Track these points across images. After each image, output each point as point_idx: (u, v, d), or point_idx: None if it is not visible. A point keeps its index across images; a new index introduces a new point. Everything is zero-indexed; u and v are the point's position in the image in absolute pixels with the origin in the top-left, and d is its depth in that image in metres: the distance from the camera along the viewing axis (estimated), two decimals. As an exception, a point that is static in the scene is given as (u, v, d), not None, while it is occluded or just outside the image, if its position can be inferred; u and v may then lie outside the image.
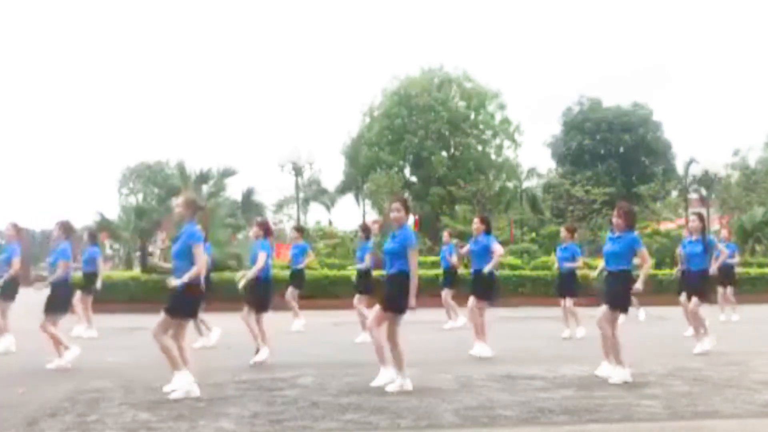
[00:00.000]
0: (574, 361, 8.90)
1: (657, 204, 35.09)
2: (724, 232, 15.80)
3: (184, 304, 6.86)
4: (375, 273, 11.81)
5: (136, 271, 24.18)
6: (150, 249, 24.32)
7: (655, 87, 78.66)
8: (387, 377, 7.06)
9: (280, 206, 41.89)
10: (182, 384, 6.70)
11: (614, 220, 7.76)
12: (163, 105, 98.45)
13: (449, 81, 44.64)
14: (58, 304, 8.84)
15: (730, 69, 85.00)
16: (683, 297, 10.37)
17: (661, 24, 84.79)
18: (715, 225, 30.03)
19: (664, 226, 30.43)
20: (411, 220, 36.55)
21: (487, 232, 9.71)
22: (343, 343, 11.30)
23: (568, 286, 12.27)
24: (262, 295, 9.17)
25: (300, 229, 15.66)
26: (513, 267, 22.07)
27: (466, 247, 10.18)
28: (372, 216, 40.95)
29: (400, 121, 42.48)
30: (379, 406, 6.28)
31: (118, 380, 7.76)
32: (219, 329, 11.01)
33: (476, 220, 9.93)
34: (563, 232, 12.68)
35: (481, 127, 45.06)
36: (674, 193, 37.54)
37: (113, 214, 29.85)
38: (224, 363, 8.65)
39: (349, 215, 67.88)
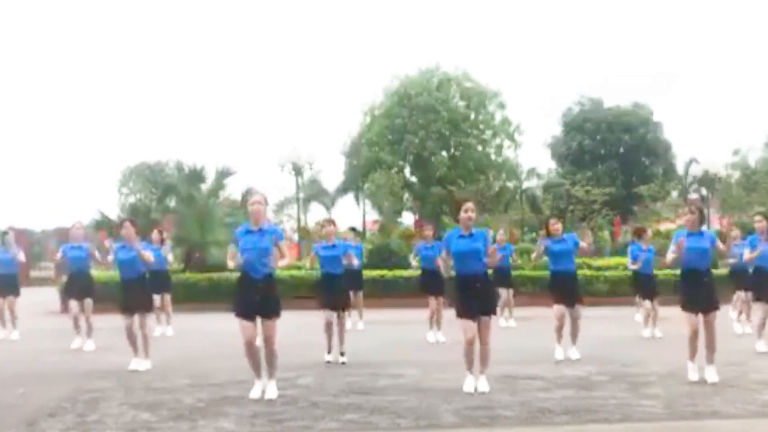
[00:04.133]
0: (574, 361, 8.90)
1: (657, 204, 35.06)
2: (736, 232, 15.49)
3: None
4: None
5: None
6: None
7: (656, 89, 78.52)
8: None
9: (280, 206, 41.80)
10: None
11: (691, 217, 7.53)
12: (163, 105, 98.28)
13: (449, 81, 44.60)
14: None
15: (730, 69, 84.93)
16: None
17: (662, 26, 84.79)
18: (715, 225, 30.04)
19: (664, 227, 30.42)
20: (411, 220, 36.63)
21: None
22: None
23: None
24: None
25: (354, 229, 15.93)
26: (513, 267, 22.00)
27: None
28: (372, 216, 40.94)
29: (400, 121, 42.43)
30: (379, 406, 6.29)
31: (118, 380, 7.76)
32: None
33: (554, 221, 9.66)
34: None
35: (481, 127, 44.97)
36: (674, 194, 37.50)
37: (114, 214, 29.80)
38: (225, 363, 8.65)
39: (349, 215, 67.87)
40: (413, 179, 44.62)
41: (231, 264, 6.95)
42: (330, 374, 8.01)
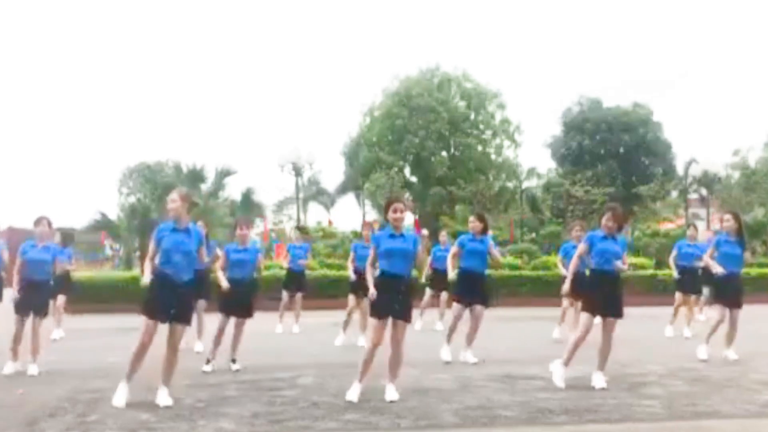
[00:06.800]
0: (573, 361, 8.88)
1: (657, 204, 35.06)
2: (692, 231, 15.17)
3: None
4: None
5: (136, 271, 24.16)
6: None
7: (656, 89, 78.52)
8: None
9: (280, 206, 41.83)
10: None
11: (610, 223, 7.27)
12: (163, 105, 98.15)
13: (449, 81, 44.64)
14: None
15: (731, 69, 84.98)
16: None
17: (662, 26, 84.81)
18: (715, 225, 30.02)
19: (664, 226, 30.44)
20: (411, 220, 36.68)
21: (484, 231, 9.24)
22: (343, 343, 11.29)
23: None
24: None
25: (301, 229, 15.97)
26: (513, 267, 22.06)
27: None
28: (372, 216, 40.94)
29: (400, 122, 42.46)
30: (379, 406, 6.29)
31: (118, 380, 7.73)
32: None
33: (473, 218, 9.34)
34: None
35: (481, 127, 45.03)
36: (674, 194, 37.52)
37: (114, 214, 29.84)
38: (224, 363, 8.64)
39: (349, 215, 67.86)
40: (413, 179, 44.65)
41: (147, 273, 6.61)
42: (330, 374, 8.00)
